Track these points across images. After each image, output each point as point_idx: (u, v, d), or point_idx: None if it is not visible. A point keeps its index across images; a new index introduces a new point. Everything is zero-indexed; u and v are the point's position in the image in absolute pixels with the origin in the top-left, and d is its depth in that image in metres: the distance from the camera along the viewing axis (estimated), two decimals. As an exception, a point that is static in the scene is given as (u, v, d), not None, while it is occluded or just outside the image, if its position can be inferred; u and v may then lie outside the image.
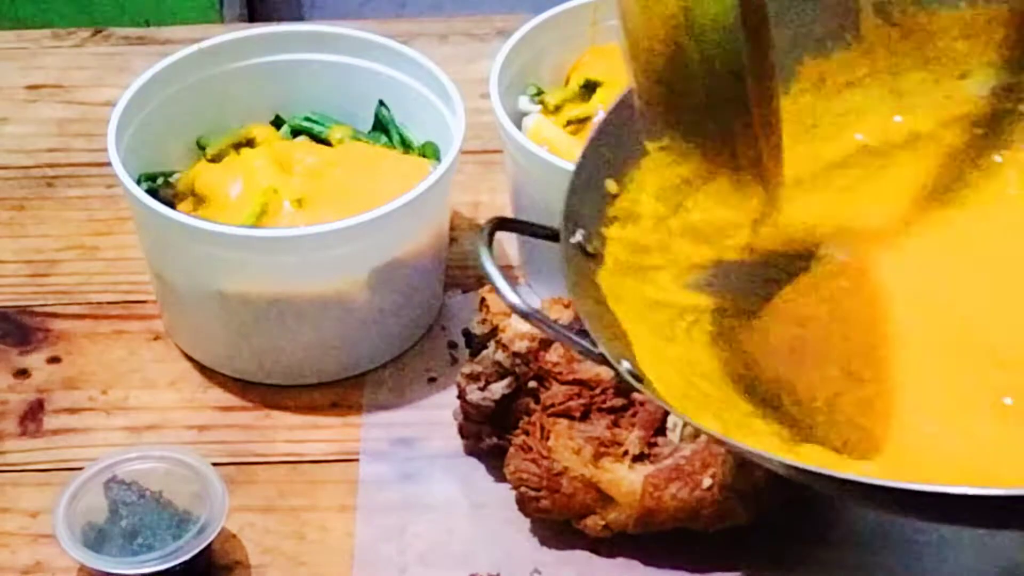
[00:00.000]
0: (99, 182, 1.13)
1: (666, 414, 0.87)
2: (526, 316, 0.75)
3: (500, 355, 0.90)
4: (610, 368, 0.73)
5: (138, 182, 0.98)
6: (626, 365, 0.73)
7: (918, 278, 0.82)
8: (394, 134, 1.05)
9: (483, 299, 0.94)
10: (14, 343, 1.02)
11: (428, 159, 1.02)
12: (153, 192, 0.99)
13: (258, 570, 0.89)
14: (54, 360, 1.01)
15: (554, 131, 1.02)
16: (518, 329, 0.90)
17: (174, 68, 1.03)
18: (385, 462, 0.94)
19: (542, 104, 1.04)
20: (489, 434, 0.92)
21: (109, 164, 0.96)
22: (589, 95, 1.05)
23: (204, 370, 1.00)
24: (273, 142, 1.04)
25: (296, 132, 1.06)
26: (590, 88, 1.05)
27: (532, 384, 0.90)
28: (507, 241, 1.08)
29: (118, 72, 1.23)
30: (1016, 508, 0.65)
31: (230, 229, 0.93)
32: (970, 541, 0.89)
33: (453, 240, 1.07)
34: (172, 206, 0.97)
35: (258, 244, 0.93)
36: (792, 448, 0.74)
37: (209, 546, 0.86)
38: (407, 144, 1.04)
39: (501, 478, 0.90)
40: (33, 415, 0.98)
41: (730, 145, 0.77)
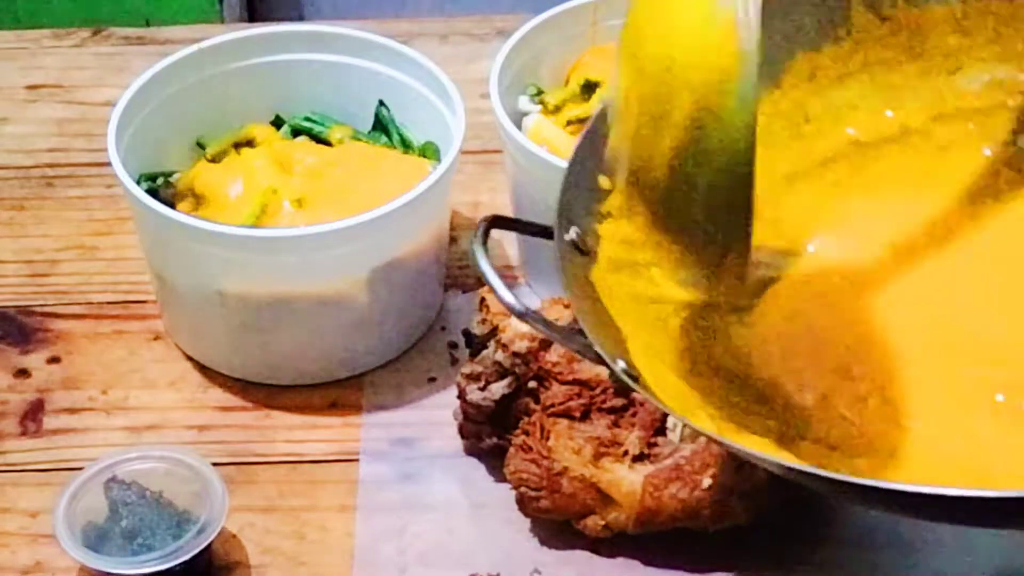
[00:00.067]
0: (99, 182, 1.13)
1: (666, 414, 0.87)
2: (521, 315, 0.75)
3: (500, 355, 0.90)
4: (606, 367, 0.73)
5: (138, 182, 0.98)
6: (621, 364, 0.73)
7: (909, 273, 0.82)
8: (394, 134, 1.05)
9: (483, 299, 0.94)
10: (14, 343, 1.02)
11: (428, 159, 1.02)
12: (153, 192, 0.99)
13: (258, 570, 0.89)
14: (54, 360, 1.01)
15: (554, 131, 1.02)
16: (518, 329, 0.90)
17: (174, 68, 1.03)
18: (385, 462, 0.94)
19: (542, 104, 1.04)
20: (489, 434, 0.92)
21: (109, 164, 0.96)
22: (589, 95, 1.05)
23: (204, 370, 1.00)
24: (273, 142, 1.04)
25: (296, 132, 1.06)
26: (590, 88, 1.05)
27: (532, 384, 0.90)
28: (507, 241, 1.08)
29: (118, 72, 1.23)
30: (1010, 508, 0.65)
31: (230, 229, 0.93)
32: (968, 542, 0.89)
33: (453, 240, 1.07)
34: (172, 206, 0.97)
35: (258, 244, 0.93)
36: (787, 446, 0.74)
37: (209, 546, 0.86)
38: (407, 144, 1.04)
39: (501, 478, 0.90)
40: (33, 415, 0.98)
41: (720, 251, 0.77)
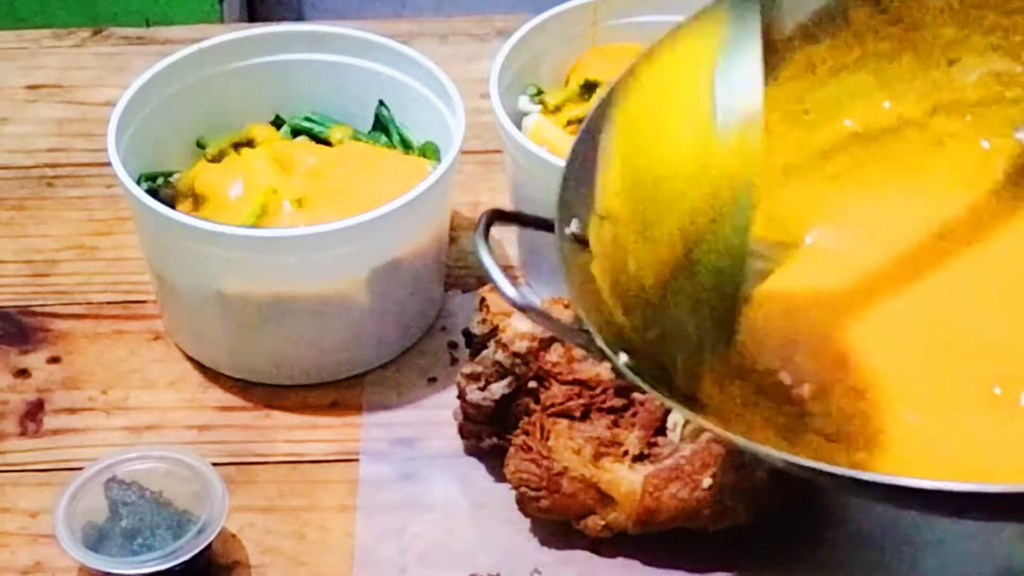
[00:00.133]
0: (99, 182, 1.13)
1: (666, 414, 0.88)
2: (523, 310, 0.75)
3: (500, 355, 0.90)
4: (608, 362, 0.73)
5: (138, 182, 0.98)
6: (623, 359, 0.73)
7: (907, 265, 0.82)
8: (394, 134, 1.05)
9: (483, 299, 0.94)
10: (14, 343, 1.02)
11: (428, 159, 1.02)
12: (153, 192, 0.99)
13: (258, 570, 0.89)
14: (54, 360, 1.01)
15: (554, 131, 1.02)
16: (518, 329, 0.90)
17: (174, 68, 1.03)
18: (385, 462, 0.94)
19: (542, 104, 1.04)
20: (489, 434, 0.92)
21: (109, 164, 0.96)
22: (589, 95, 1.05)
23: (204, 370, 1.00)
24: (273, 142, 1.04)
25: (296, 132, 1.06)
26: (590, 88, 1.05)
27: (532, 384, 0.90)
28: (507, 241, 1.08)
29: (118, 72, 1.23)
30: (1011, 503, 0.65)
31: (230, 229, 0.93)
32: (969, 541, 0.89)
33: (453, 240, 1.07)
34: (172, 206, 0.97)
35: (258, 244, 0.93)
36: (786, 439, 0.74)
37: (209, 546, 0.86)
38: (407, 144, 1.04)
39: (501, 478, 0.90)
40: (33, 415, 0.98)
41: (701, 353, 0.77)
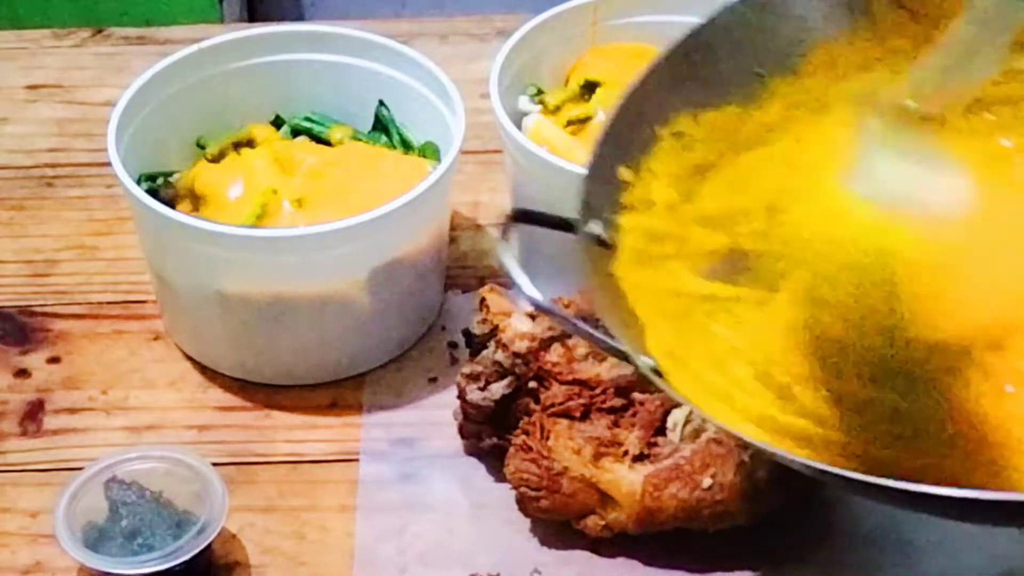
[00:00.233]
0: (99, 182, 1.13)
1: (666, 414, 0.88)
2: (546, 311, 0.75)
3: (500, 355, 0.90)
4: (628, 363, 0.73)
5: (138, 182, 0.98)
6: (645, 360, 0.72)
7: (927, 263, 0.82)
8: (394, 134, 1.05)
9: (483, 299, 0.94)
10: (14, 343, 1.02)
11: (428, 159, 1.02)
12: (153, 192, 0.99)
13: (258, 570, 0.89)
14: (54, 360, 1.01)
15: (554, 131, 1.02)
16: (518, 329, 0.90)
17: (174, 68, 1.03)
18: (385, 462, 0.94)
19: (542, 104, 1.04)
20: (489, 434, 0.92)
21: (109, 164, 0.96)
22: (589, 95, 1.05)
23: (204, 370, 1.00)
24: (273, 142, 1.04)
25: (296, 132, 1.06)
26: (590, 88, 1.05)
27: (532, 384, 0.90)
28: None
29: (118, 72, 1.23)
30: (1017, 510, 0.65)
31: (230, 229, 0.93)
32: (969, 542, 0.89)
33: (453, 240, 1.07)
34: (172, 206, 0.97)
35: (258, 244, 0.93)
36: (809, 442, 0.74)
37: (209, 546, 0.86)
38: (407, 144, 1.04)
39: (501, 478, 0.90)
40: (33, 415, 0.98)
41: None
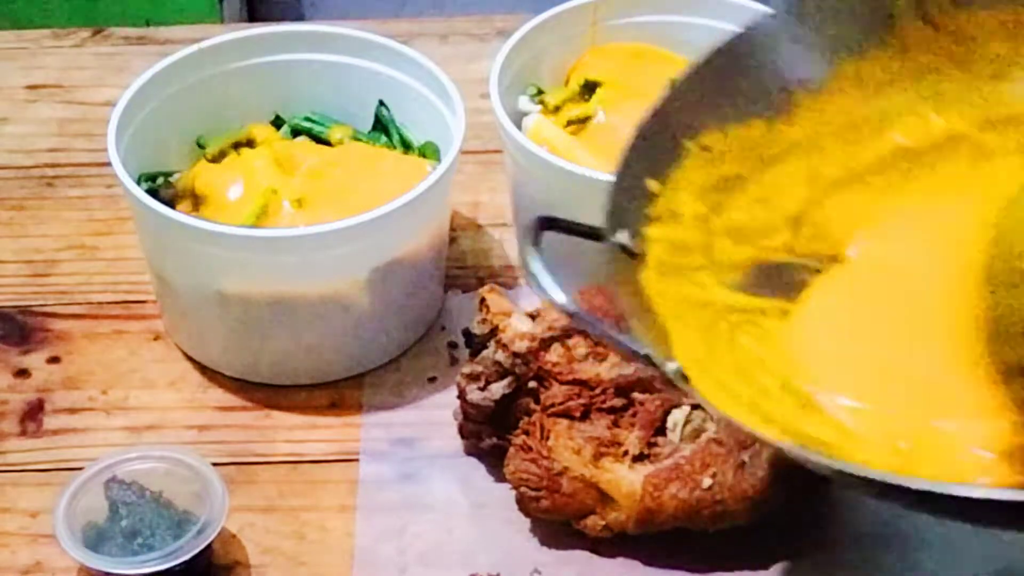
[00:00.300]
0: (99, 182, 1.13)
1: (666, 414, 0.88)
2: (571, 315, 0.76)
3: (500, 355, 0.90)
4: (655, 369, 0.73)
5: (138, 182, 0.98)
6: (672, 366, 0.73)
7: (952, 279, 0.82)
8: (394, 134, 1.05)
9: (483, 299, 0.93)
10: (14, 343, 1.02)
11: (428, 159, 1.02)
12: (153, 192, 0.99)
13: (258, 570, 0.89)
14: (54, 360, 1.01)
15: (554, 131, 1.02)
16: (518, 329, 0.90)
17: (174, 68, 1.03)
18: (385, 462, 0.94)
19: (542, 104, 1.04)
20: (489, 434, 0.92)
21: (109, 164, 0.96)
22: (589, 95, 1.05)
23: (204, 370, 1.00)
24: (273, 142, 1.04)
25: (296, 132, 1.06)
26: (590, 88, 1.05)
27: (532, 384, 0.90)
28: (507, 241, 1.08)
29: (118, 72, 1.23)
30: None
31: (230, 229, 0.93)
32: (968, 542, 0.89)
33: (453, 240, 1.07)
34: (172, 206, 0.97)
35: (258, 244, 0.93)
36: (839, 448, 0.73)
37: (209, 546, 0.86)
38: (407, 144, 1.04)
39: (501, 478, 0.90)
40: (33, 415, 0.98)
41: None
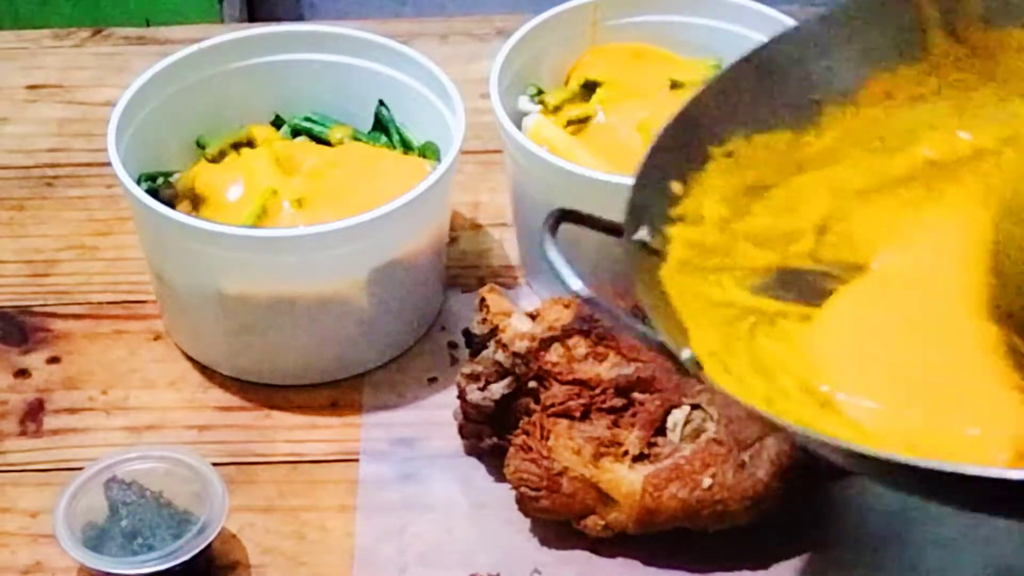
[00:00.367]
0: (99, 182, 1.13)
1: (666, 414, 0.88)
2: (590, 302, 0.77)
3: (500, 355, 0.90)
4: (668, 357, 0.74)
5: (138, 182, 0.98)
6: (687, 353, 0.73)
7: (975, 294, 0.82)
8: (394, 134, 1.05)
9: (483, 299, 0.94)
10: (14, 343, 1.02)
11: (428, 159, 1.02)
12: (153, 192, 0.99)
13: (258, 570, 0.89)
14: (54, 360, 1.01)
15: (554, 131, 1.02)
16: (518, 329, 0.90)
17: (174, 68, 1.03)
18: (385, 462, 0.94)
19: (542, 104, 1.04)
20: (489, 434, 0.92)
21: (109, 164, 0.96)
22: (589, 95, 1.05)
23: (204, 370, 1.00)
24: (273, 142, 1.04)
25: (296, 132, 1.06)
26: (590, 88, 1.05)
27: (532, 384, 0.90)
28: (507, 241, 1.08)
29: (118, 72, 1.23)
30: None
31: (230, 229, 0.93)
32: (968, 541, 0.89)
33: (453, 240, 1.07)
34: (172, 206, 0.97)
35: (258, 244, 0.93)
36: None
37: (209, 546, 0.86)
38: (407, 144, 1.04)
39: (501, 478, 0.90)
40: (33, 415, 0.98)
41: None
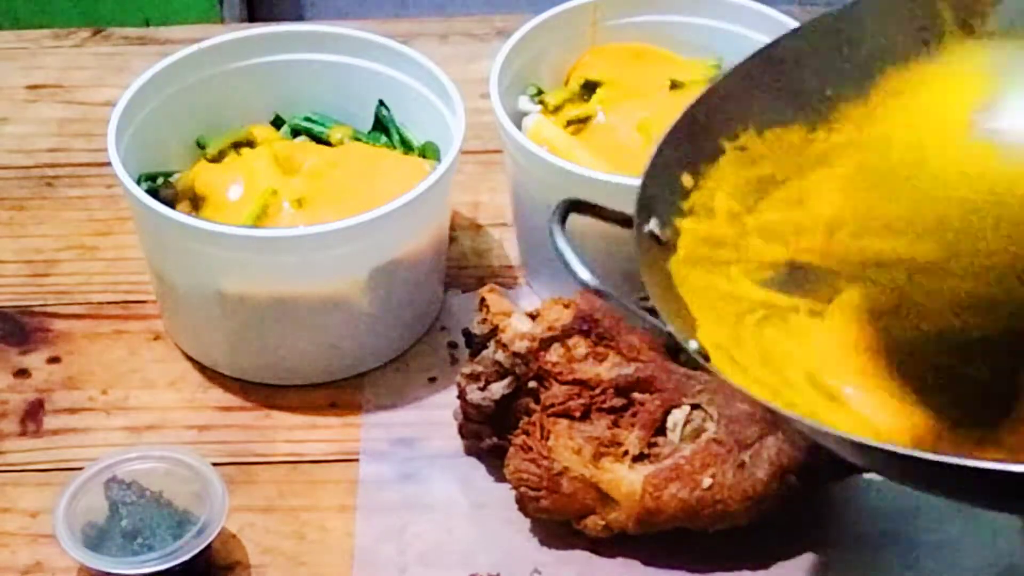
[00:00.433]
0: (99, 182, 1.13)
1: (666, 414, 0.88)
2: (599, 292, 0.77)
3: (500, 355, 0.90)
4: (677, 346, 0.74)
5: (138, 182, 0.98)
6: (694, 344, 0.73)
7: (986, 291, 0.82)
8: (394, 134, 1.05)
9: (483, 299, 0.94)
10: (14, 343, 1.02)
11: (428, 159, 1.02)
12: (153, 192, 0.99)
13: (258, 570, 0.89)
14: (54, 360, 1.01)
15: (554, 131, 1.02)
16: (518, 329, 0.90)
17: (174, 68, 1.03)
18: (385, 462, 0.94)
19: (542, 104, 1.04)
20: (489, 434, 0.92)
21: (109, 164, 0.96)
22: (589, 95, 1.05)
23: (204, 370, 1.00)
24: (273, 142, 1.04)
25: (296, 132, 1.06)
26: (590, 88, 1.05)
27: (532, 384, 0.90)
28: (507, 241, 1.08)
29: (118, 72, 1.23)
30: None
31: (230, 229, 0.93)
32: (968, 542, 0.89)
33: (453, 240, 1.07)
34: (172, 206, 0.97)
35: (258, 244, 0.93)
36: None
37: (209, 546, 0.86)
38: (407, 144, 1.04)
39: (501, 478, 0.90)
40: (33, 415, 0.98)
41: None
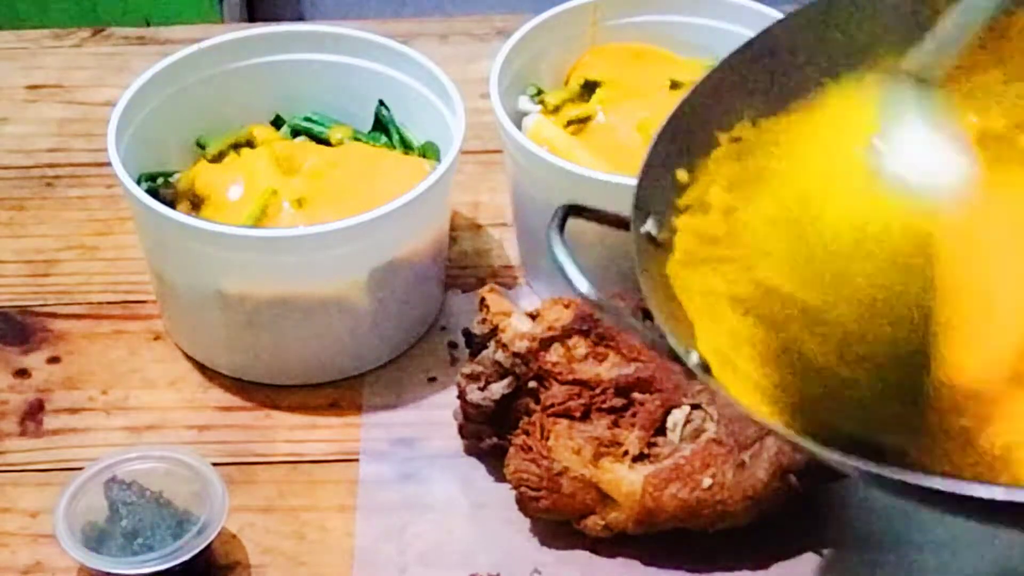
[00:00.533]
0: (99, 182, 1.13)
1: (666, 414, 0.88)
2: (597, 305, 0.76)
3: (500, 355, 0.90)
4: (676, 360, 0.73)
5: (138, 182, 0.98)
6: (694, 357, 0.73)
7: (983, 280, 0.82)
8: (394, 134, 1.05)
9: (483, 299, 0.94)
10: (14, 343, 1.02)
11: (428, 159, 1.02)
12: (153, 192, 0.99)
13: (258, 570, 0.89)
14: (54, 360, 1.01)
15: (554, 131, 1.02)
16: (518, 329, 0.90)
17: (174, 68, 1.03)
18: (385, 462, 0.94)
19: (542, 104, 1.04)
20: (489, 434, 0.92)
21: (109, 164, 0.96)
22: (589, 95, 1.05)
23: (204, 370, 1.00)
24: (273, 142, 1.04)
25: (296, 132, 1.06)
26: (590, 88, 1.05)
27: (532, 384, 0.90)
28: (507, 241, 1.08)
29: (118, 72, 1.23)
30: None
31: (230, 229, 0.93)
32: (968, 542, 0.89)
33: (453, 240, 1.07)
34: (172, 206, 0.97)
35: (258, 244, 0.93)
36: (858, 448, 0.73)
37: (209, 546, 0.86)
38: (407, 144, 1.04)
39: (501, 478, 0.90)
40: (33, 415, 0.98)
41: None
